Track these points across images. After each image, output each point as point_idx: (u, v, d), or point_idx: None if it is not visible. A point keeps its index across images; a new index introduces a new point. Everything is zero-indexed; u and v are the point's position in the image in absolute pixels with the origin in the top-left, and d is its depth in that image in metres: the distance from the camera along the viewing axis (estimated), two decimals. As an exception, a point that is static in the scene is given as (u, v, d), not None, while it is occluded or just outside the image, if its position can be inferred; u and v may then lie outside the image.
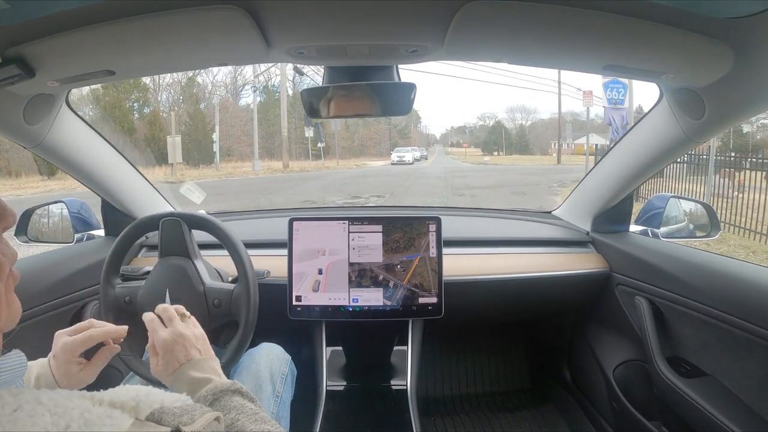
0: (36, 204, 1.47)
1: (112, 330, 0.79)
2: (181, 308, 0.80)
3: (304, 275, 1.29)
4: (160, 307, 0.80)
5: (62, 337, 0.76)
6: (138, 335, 1.14)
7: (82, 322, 0.80)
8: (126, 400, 0.42)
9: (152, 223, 1.08)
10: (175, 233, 1.05)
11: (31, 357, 0.59)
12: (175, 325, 0.76)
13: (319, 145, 26.74)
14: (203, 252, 1.13)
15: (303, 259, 1.29)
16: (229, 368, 1.03)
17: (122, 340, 0.82)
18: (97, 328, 0.78)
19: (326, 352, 1.39)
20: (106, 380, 1.34)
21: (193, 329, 0.77)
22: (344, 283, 1.29)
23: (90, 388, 0.47)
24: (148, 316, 0.78)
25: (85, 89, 19.79)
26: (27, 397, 0.37)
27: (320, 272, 1.29)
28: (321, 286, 1.29)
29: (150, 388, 0.46)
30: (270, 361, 1.14)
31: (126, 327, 0.82)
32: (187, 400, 0.46)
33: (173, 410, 0.43)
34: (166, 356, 0.73)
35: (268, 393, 1.08)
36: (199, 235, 1.10)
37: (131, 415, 0.41)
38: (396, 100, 1.01)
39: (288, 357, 1.22)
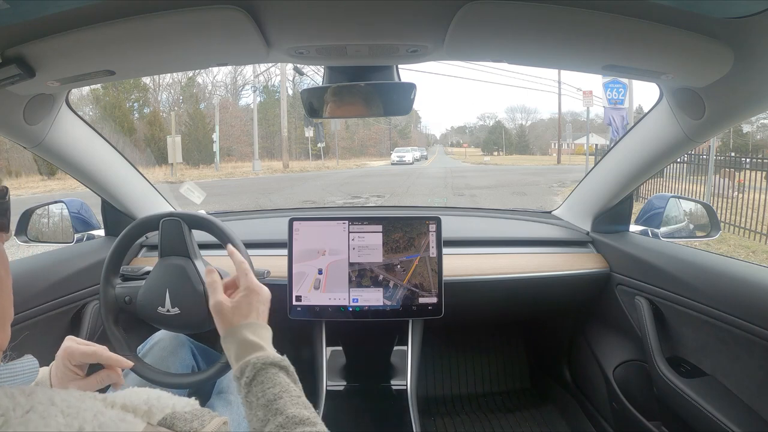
0: (36, 204, 1.47)
1: (119, 359, 0.77)
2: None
3: (304, 275, 1.29)
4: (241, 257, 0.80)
5: (70, 341, 0.75)
6: (137, 335, 1.15)
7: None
8: (138, 404, 0.42)
9: (152, 223, 1.08)
10: (175, 233, 1.05)
11: None
12: (255, 280, 0.76)
13: (319, 145, 26.76)
14: (203, 252, 1.13)
15: (303, 259, 1.29)
16: (228, 368, 1.03)
17: (122, 372, 0.80)
18: (109, 353, 0.77)
19: (326, 352, 1.39)
20: None
21: (269, 293, 0.78)
22: (344, 283, 1.29)
23: None
24: (238, 257, 0.79)
25: (85, 89, 19.82)
26: (40, 397, 0.37)
27: (320, 272, 1.29)
28: (321, 285, 1.29)
29: (161, 392, 0.46)
30: None
31: (131, 363, 0.81)
32: (195, 404, 0.46)
33: (184, 415, 0.44)
34: (250, 300, 0.73)
35: None
36: (199, 235, 1.10)
37: (143, 419, 0.41)
38: (396, 100, 1.01)
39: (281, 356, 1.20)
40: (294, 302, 1.29)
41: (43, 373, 0.74)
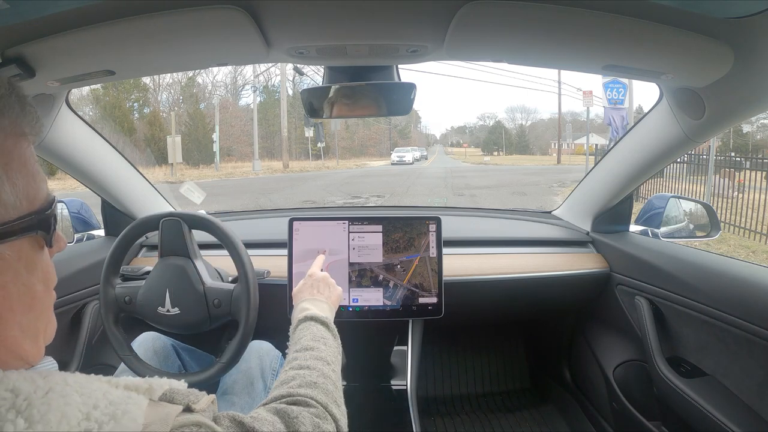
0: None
1: None
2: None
3: (304, 275, 1.29)
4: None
5: None
6: (137, 335, 1.15)
7: None
8: (139, 383, 0.45)
9: (152, 223, 1.08)
10: (175, 233, 1.05)
11: None
12: (323, 273, 1.04)
13: (319, 145, 26.76)
14: (203, 252, 1.13)
15: (303, 259, 1.29)
16: (229, 368, 1.03)
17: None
18: None
19: None
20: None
21: (332, 281, 1.02)
22: (344, 283, 1.29)
23: None
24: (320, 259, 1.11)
25: (85, 89, 19.81)
26: (56, 379, 0.39)
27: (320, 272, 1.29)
28: None
29: (156, 377, 0.48)
30: (260, 357, 1.15)
31: None
32: (185, 386, 0.49)
33: (181, 391, 0.46)
34: (306, 283, 0.99)
35: (259, 389, 1.08)
36: (199, 236, 1.10)
37: (146, 396, 0.43)
38: (396, 100, 1.01)
39: (278, 353, 1.21)
40: (294, 302, 1.29)
41: None
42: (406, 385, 1.32)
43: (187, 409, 0.44)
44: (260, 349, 1.17)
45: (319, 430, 0.58)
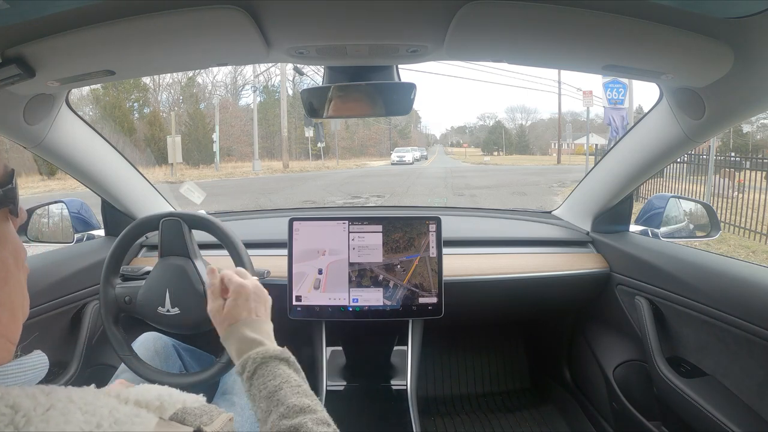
0: (36, 204, 1.47)
1: None
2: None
3: (304, 275, 1.29)
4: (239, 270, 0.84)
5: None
6: (137, 335, 1.15)
7: None
8: (151, 399, 0.43)
9: (152, 223, 1.08)
10: (174, 233, 1.05)
11: None
12: (252, 280, 0.80)
13: (319, 145, 26.76)
14: (203, 252, 1.13)
15: (303, 259, 1.29)
16: (229, 368, 1.03)
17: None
18: None
19: (326, 352, 1.39)
20: (98, 376, 1.34)
21: (266, 291, 0.81)
22: (344, 283, 1.29)
23: (81, 383, 0.48)
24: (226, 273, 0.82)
25: (85, 89, 19.81)
26: (59, 395, 0.38)
27: (320, 272, 1.29)
28: (321, 285, 1.29)
29: (171, 389, 0.47)
30: None
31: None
32: (203, 401, 0.47)
33: (194, 410, 0.45)
34: (237, 302, 0.75)
35: None
36: (199, 236, 1.10)
37: (156, 414, 0.42)
38: (396, 100, 1.01)
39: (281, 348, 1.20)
40: (294, 302, 1.29)
41: None
42: (406, 385, 1.32)
43: (198, 431, 0.43)
44: None
45: None
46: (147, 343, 1.12)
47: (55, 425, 0.35)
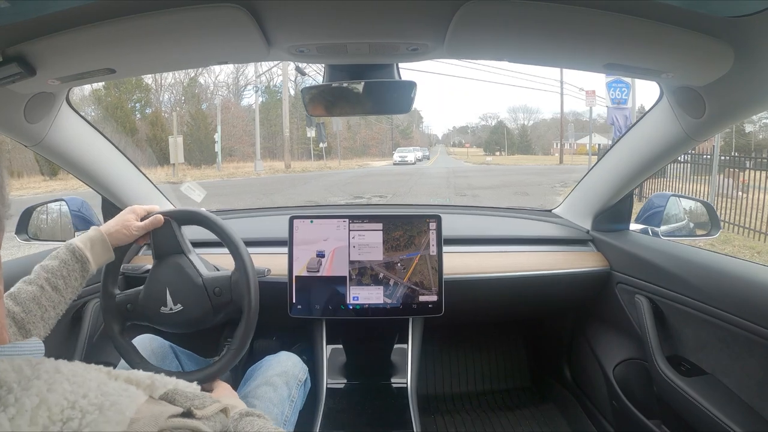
0: (36, 203, 1.47)
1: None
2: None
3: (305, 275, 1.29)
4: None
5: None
6: (132, 337, 1.15)
7: None
8: (142, 378, 0.43)
9: None
10: (165, 233, 1.05)
11: None
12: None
13: (321, 145, 26.75)
14: (199, 251, 1.13)
15: (303, 257, 1.29)
16: (239, 355, 1.02)
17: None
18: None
19: (326, 350, 1.39)
20: None
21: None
22: (345, 282, 1.29)
23: None
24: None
25: (87, 90, 19.89)
26: (47, 366, 0.37)
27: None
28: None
29: (165, 376, 0.46)
30: (288, 366, 1.16)
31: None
32: (197, 389, 0.46)
33: (186, 393, 0.44)
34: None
35: (283, 396, 1.09)
36: (196, 235, 1.10)
37: (146, 392, 0.41)
38: (396, 99, 1.01)
39: (306, 368, 1.23)
40: (294, 300, 1.29)
41: (95, 231, 0.97)
42: (406, 383, 1.32)
43: (188, 413, 0.41)
44: (289, 359, 1.19)
45: None
46: (143, 344, 1.12)
47: (37, 392, 0.34)
